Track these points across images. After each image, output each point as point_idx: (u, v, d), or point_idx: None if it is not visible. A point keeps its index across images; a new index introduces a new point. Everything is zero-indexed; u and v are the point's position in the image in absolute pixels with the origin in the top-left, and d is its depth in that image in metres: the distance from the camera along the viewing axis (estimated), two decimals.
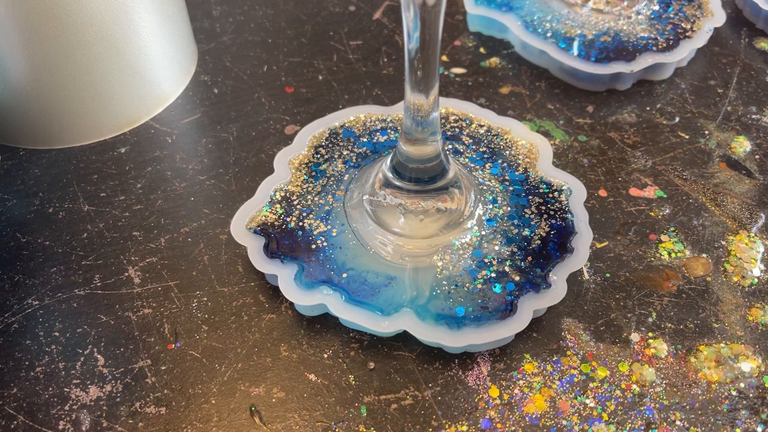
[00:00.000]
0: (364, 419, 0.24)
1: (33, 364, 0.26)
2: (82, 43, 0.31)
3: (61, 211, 0.31)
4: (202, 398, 0.25)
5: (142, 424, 0.24)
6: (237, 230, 0.28)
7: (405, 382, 0.25)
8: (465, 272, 0.26)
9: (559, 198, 0.29)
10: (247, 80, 0.37)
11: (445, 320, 0.25)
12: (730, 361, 0.26)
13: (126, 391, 0.25)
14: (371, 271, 0.27)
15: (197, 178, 0.33)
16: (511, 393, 0.25)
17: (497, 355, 0.26)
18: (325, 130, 0.32)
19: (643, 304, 0.27)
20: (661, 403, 0.25)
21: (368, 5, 0.42)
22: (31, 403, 0.25)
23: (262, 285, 0.28)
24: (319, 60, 0.38)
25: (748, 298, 0.28)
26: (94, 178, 0.33)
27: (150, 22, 0.33)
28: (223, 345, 0.26)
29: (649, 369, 0.26)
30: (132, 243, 0.30)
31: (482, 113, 0.33)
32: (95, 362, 0.26)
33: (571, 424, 0.24)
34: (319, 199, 0.29)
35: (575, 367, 0.26)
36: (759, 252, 0.29)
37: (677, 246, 0.29)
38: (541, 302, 0.26)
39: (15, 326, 0.27)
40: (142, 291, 0.28)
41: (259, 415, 0.25)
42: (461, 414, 0.24)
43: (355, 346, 0.26)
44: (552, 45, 0.36)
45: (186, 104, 0.36)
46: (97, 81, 0.33)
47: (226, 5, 0.42)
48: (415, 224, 0.28)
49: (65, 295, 0.28)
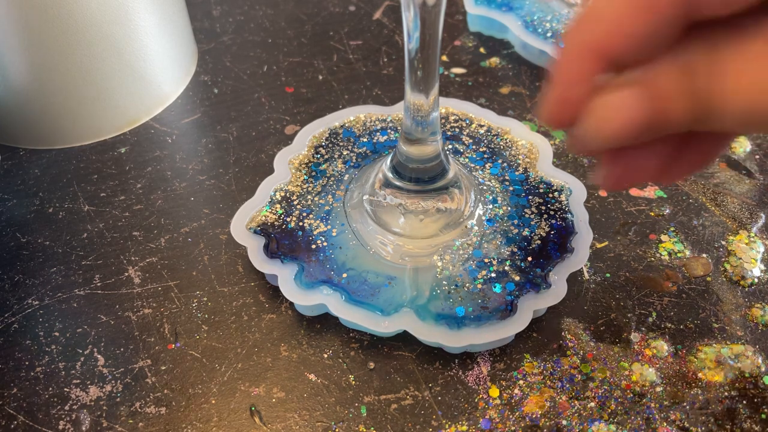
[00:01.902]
0: (364, 419, 0.24)
1: (33, 364, 0.26)
2: (82, 43, 0.31)
3: (61, 211, 0.31)
4: (202, 398, 0.25)
5: (142, 424, 0.24)
6: (237, 230, 0.28)
7: (405, 382, 0.25)
8: (465, 272, 0.26)
9: (559, 198, 0.29)
10: (247, 80, 0.37)
11: (445, 320, 0.25)
12: (730, 361, 0.26)
13: (126, 391, 0.25)
14: (371, 271, 0.27)
15: (197, 178, 0.33)
16: (511, 393, 0.25)
17: (497, 355, 0.26)
18: (325, 130, 0.32)
19: (643, 304, 0.27)
20: (661, 403, 0.25)
21: (368, 5, 0.42)
22: (31, 403, 0.25)
23: (262, 285, 0.28)
24: (319, 60, 0.38)
25: (748, 298, 0.28)
26: (94, 178, 0.33)
27: (150, 22, 0.33)
28: (223, 345, 0.26)
29: (649, 369, 0.26)
30: (132, 243, 0.30)
31: (482, 113, 0.33)
32: (95, 362, 0.26)
33: (571, 424, 0.24)
34: (319, 199, 0.29)
35: (575, 367, 0.26)
36: (759, 252, 0.29)
37: (677, 246, 0.29)
38: (541, 302, 0.26)
39: (15, 326, 0.27)
40: (142, 291, 0.28)
41: (259, 415, 0.25)
42: (461, 414, 0.24)
43: (355, 346, 0.26)
44: (552, 45, 0.36)
45: (186, 104, 0.36)
46: (97, 81, 0.33)
47: (226, 5, 0.42)
48: (415, 224, 0.28)
49: (65, 295, 0.28)
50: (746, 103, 0.15)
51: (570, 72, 0.17)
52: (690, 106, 0.16)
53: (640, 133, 0.17)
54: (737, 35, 0.16)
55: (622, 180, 0.19)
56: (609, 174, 0.19)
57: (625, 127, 0.16)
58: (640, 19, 0.15)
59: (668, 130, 0.17)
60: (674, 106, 0.16)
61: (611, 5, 0.16)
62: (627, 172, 0.19)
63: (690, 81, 0.16)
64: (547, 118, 0.18)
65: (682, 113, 0.16)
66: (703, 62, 0.16)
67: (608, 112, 0.17)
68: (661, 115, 0.16)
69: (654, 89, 0.16)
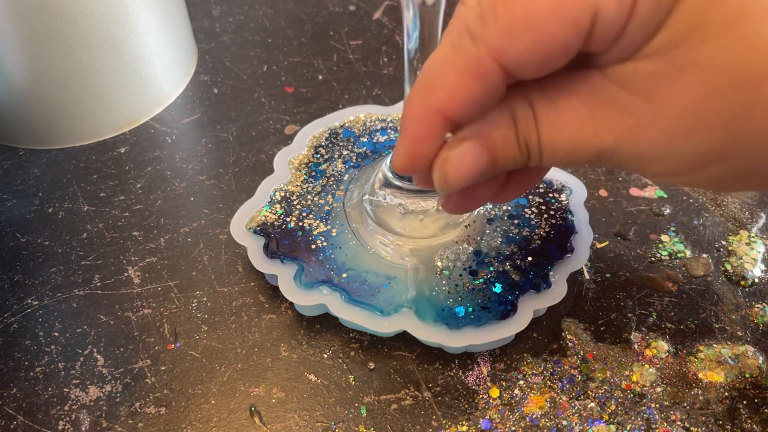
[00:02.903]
0: (364, 419, 0.24)
1: (33, 364, 0.26)
2: (82, 43, 0.31)
3: (61, 211, 0.31)
4: (202, 398, 0.25)
5: (142, 425, 0.24)
6: (237, 230, 0.28)
7: (405, 383, 0.25)
8: (465, 272, 0.26)
9: (560, 198, 0.29)
10: (247, 80, 0.37)
11: (445, 320, 0.25)
12: (730, 361, 0.26)
13: (126, 392, 0.25)
14: (371, 271, 0.26)
15: (197, 178, 0.32)
16: (511, 393, 0.25)
17: (497, 355, 0.26)
18: (325, 130, 0.32)
19: (643, 304, 0.27)
20: (662, 403, 0.25)
21: (368, 5, 0.42)
22: (30, 403, 0.25)
23: (261, 285, 0.28)
24: (319, 60, 0.38)
25: (749, 298, 0.28)
26: (93, 178, 0.33)
27: (150, 22, 0.33)
28: (222, 345, 0.26)
29: (649, 369, 0.25)
30: (132, 243, 0.30)
31: None
32: (95, 362, 0.26)
33: (572, 425, 0.24)
34: (319, 199, 0.29)
35: (575, 367, 0.26)
36: (759, 252, 0.29)
37: (677, 246, 0.29)
38: (541, 302, 0.26)
39: (15, 326, 0.27)
40: (141, 291, 0.28)
41: (259, 415, 0.25)
42: (461, 414, 0.24)
43: (355, 346, 0.26)
44: None
45: (186, 104, 0.36)
46: (97, 81, 0.33)
47: (226, 5, 0.42)
48: (415, 224, 0.28)
49: (65, 295, 0.28)
50: (563, 152, 0.19)
51: (419, 131, 0.19)
52: (519, 153, 0.19)
53: (481, 178, 0.20)
54: (554, 90, 0.18)
55: (463, 207, 0.23)
56: (451, 203, 0.22)
57: (468, 175, 0.20)
58: (471, 86, 0.18)
59: (505, 170, 0.20)
60: (506, 153, 0.19)
61: (445, 74, 0.18)
62: (468, 201, 0.22)
63: (516, 132, 0.19)
64: (401, 168, 0.20)
65: (512, 158, 0.19)
66: (524, 117, 0.19)
67: (453, 165, 0.19)
68: (497, 162, 0.20)
69: (488, 141, 0.19)
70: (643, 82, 0.17)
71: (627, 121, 0.17)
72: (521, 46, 0.17)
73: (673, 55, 0.16)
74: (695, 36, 0.16)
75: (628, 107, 0.17)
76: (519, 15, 0.17)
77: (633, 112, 0.17)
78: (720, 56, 0.16)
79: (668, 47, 0.16)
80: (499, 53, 0.17)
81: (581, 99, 0.18)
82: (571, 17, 0.16)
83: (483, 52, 0.17)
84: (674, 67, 0.16)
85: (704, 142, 0.17)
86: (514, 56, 0.17)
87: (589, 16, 0.16)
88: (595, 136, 0.18)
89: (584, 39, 0.17)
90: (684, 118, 0.17)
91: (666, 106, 0.17)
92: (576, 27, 0.16)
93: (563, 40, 0.17)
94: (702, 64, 0.16)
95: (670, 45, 0.16)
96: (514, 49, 0.17)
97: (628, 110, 0.17)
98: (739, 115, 0.16)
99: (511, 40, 0.17)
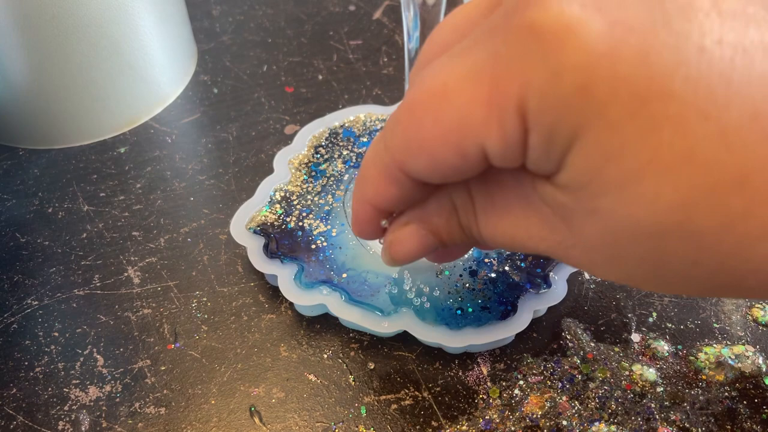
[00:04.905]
0: (363, 419, 0.24)
1: (32, 365, 0.26)
2: (82, 43, 0.31)
3: (61, 211, 0.31)
4: (202, 398, 0.25)
5: (142, 425, 0.24)
6: (236, 230, 0.28)
7: (405, 383, 0.25)
8: (465, 272, 0.26)
9: None
10: (246, 80, 0.37)
11: (445, 320, 0.25)
12: (730, 361, 0.26)
13: (125, 392, 0.25)
14: (371, 271, 0.26)
15: (197, 178, 0.32)
16: (511, 393, 0.25)
17: (497, 355, 0.26)
18: (325, 130, 0.32)
19: (643, 304, 0.27)
20: (662, 403, 0.25)
21: (368, 5, 0.42)
22: (30, 403, 0.25)
23: (261, 285, 0.28)
24: (319, 60, 0.38)
25: (749, 298, 0.28)
26: (93, 178, 0.33)
27: (150, 22, 0.33)
28: (222, 345, 0.26)
29: (649, 369, 0.25)
30: (132, 243, 0.30)
31: None
32: (95, 362, 0.26)
33: (572, 425, 0.24)
34: (319, 199, 0.29)
35: (575, 367, 0.26)
36: None
37: None
38: (541, 302, 0.26)
39: (14, 326, 0.27)
40: (141, 291, 0.28)
41: (259, 415, 0.25)
42: (461, 414, 0.24)
43: (355, 346, 0.26)
44: None
45: (186, 104, 0.36)
46: (97, 81, 0.33)
47: (226, 5, 0.42)
48: None
49: (65, 295, 0.28)
50: (503, 245, 0.19)
51: (359, 214, 0.21)
52: (464, 235, 0.20)
53: (425, 254, 0.21)
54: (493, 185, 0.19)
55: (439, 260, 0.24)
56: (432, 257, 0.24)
57: (415, 253, 0.21)
58: (389, 186, 0.19)
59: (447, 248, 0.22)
60: (451, 236, 0.20)
61: (371, 171, 0.19)
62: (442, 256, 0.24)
63: (458, 219, 0.20)
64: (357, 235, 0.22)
65: (459, 239, 0.20)
66: (463, 207, 0.20)
67: (398, 247, 0.21)
68: (438, 242, 0.21)
69: (430, 225, 0.20)
70: (561, 209, 0.17)
71: (555, 236, 0.17)
72: (420, 163, 0.17)
73: (579, 196, 0.16)
74: (594, 185, 0.15)
75: (552, 225, 0.17)
76: (413, 137, 0.17)
77: (557, 231, 0.17)
78: (621, 212, 0.15)
79: (574, 187, 0.16)
80: (403, 165, 0.18)
81: (518, 201, 0.18)
82: (458, 147, 0.16)
83: (390, 161, 0.18)
84: (582, 208, 0.16)
85: (624, 273, 0.17)
86: (417, 170, 0.18)
87: (477, 149, 0.16)
88: (529, 240, 0.18)
89: (481, 165, 0.17)
90: (601, 250, 0.16)
91: (583, 237, 0.17)
92: (465, 158, 0.17)
93: (456, 164, 0.17)
94: (605, 214, 0.15)
95: (575, 185, 0.16)
96: (414, 165, 0.18)
97: (553, 228, 0.17)
98: (651, 259, 0.16)
99: (410, 156, 0.18)
